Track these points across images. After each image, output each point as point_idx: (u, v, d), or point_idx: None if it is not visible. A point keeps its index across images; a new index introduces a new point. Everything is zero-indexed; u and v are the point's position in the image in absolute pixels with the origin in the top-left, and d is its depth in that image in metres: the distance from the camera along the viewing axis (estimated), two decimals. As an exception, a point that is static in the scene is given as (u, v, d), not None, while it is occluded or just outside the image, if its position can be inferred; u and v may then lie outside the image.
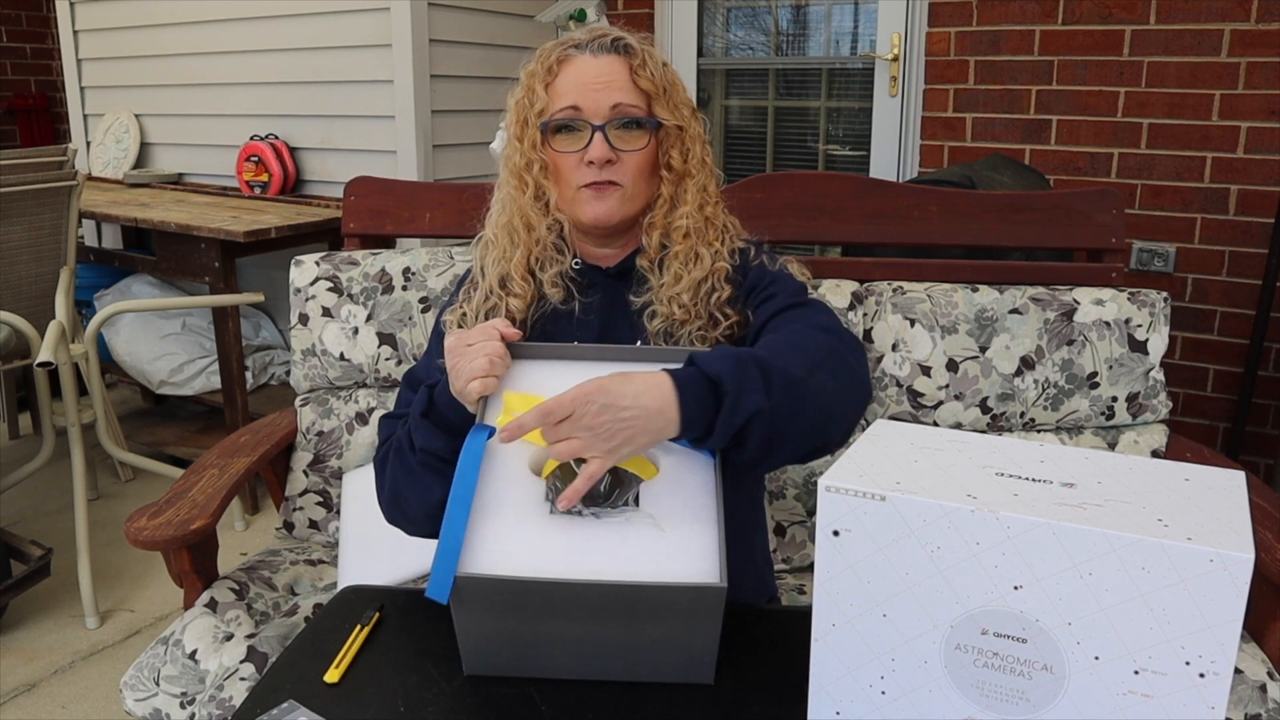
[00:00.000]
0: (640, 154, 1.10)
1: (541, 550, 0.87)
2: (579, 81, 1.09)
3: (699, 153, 1.14)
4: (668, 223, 1.13)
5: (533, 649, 0.88)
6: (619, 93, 1.08)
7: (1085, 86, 2.76)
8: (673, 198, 1.13)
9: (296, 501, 1.70)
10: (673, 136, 1.12)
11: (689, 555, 0.86)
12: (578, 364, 1.03)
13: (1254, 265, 2.66)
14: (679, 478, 0.93)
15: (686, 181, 1.13)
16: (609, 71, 1.09)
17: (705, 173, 1.15)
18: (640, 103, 1.09)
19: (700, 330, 1.12)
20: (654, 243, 1.14)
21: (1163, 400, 1.61)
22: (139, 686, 1.30)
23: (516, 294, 1.13)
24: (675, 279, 1.12)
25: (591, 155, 1.08)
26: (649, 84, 1.09)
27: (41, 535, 2.50)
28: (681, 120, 1.12)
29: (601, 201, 1.10)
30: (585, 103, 1.08)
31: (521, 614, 0.85)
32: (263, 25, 3.06)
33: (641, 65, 1.09)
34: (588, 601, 0.84)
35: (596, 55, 1.10)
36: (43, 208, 2.41)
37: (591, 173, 1.09)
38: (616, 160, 1.09)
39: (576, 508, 0.90)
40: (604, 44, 1.10)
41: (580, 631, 0.86)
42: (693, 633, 0.86)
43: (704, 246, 1.14)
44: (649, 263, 1.14)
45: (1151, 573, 0.65)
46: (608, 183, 1.09)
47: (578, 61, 1.10)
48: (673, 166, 1.12)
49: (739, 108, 3.46)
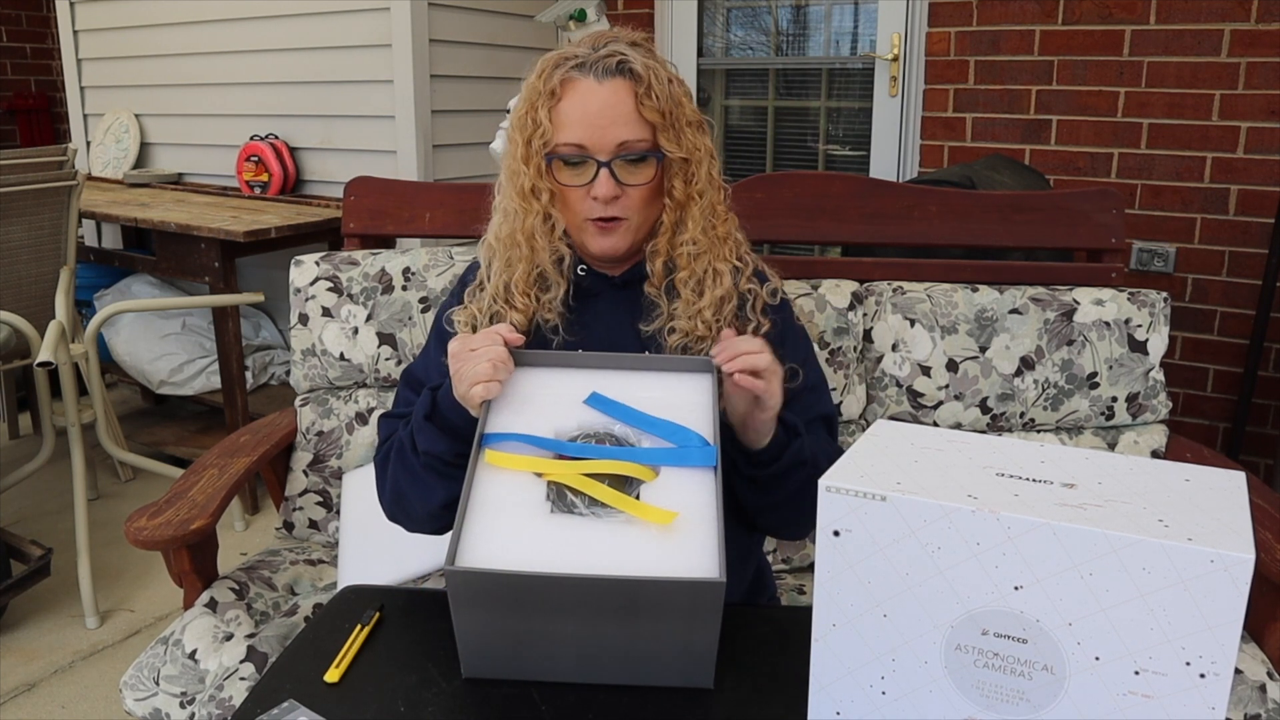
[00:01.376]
0: (646, 187, 1.09)
1: (540, 547, 0.87)
2: (584, 113, 1.06)
3: (704, 174, 1.12)
4: (671, 248, 1.13)
5: (531, 650, 0.88)
6: (624, 128, 1.06)
7: (1085, 86, 2.76)
8: (674, 224, 1.13)
9: (296, 501, 1.70)
10: (676, 165, 1.10)
11: (688, 553, 0.86)
12: (582, 371, 1.03)
13: (1254, 265, 2.66)
14: (679, 481, 0.93)
15: (690, 206, 1.12)
16: (614, 102, 1.06)
17: (713, 190, 1.14)
18: (645, 135, 1.08)
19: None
20: (658, 269, 1.13)
21: (1163, 400, 1.61)
22: (139, 686, 1.30)
23: (518, 308, 1.13)
24: (694, 297, 1.11)
25: (597, 191, 1.07)
26: (654, 114, 1.07)
27: (41, 535, 2.50)
28: (686, 149, 1.10)
29: (608, 237, 1.10)
30: (590, 139, 1.06)
31: (520, 611, 0.85)
32: (263, 25, 3.06)
33: (647, 92, 1.07)
34: (586, 597, 0.83)
35: (601, 81, 1.06)
36: (43, 208, 2.41)
37: (597, 208, 1.08)
38: (622, 194, 1.08)
39: (577, 507, 0.90)
40: (609, 67, 1.07)
41: (579, 631, 0.86)
42: (692, 632, 0.85)
43: (721, 262, 1.13)
44: (656, 290, 1.13)
45: (1152, 573, 0.65)
46: (614, 219, 1.09)
47: (581, 88, 1.07)
48: (674, 195, 1.11)
49: (739, 108, 3.46)
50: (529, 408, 1.00)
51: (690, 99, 1.13)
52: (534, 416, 0.99)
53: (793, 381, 1.11)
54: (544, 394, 1.01)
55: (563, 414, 0.99)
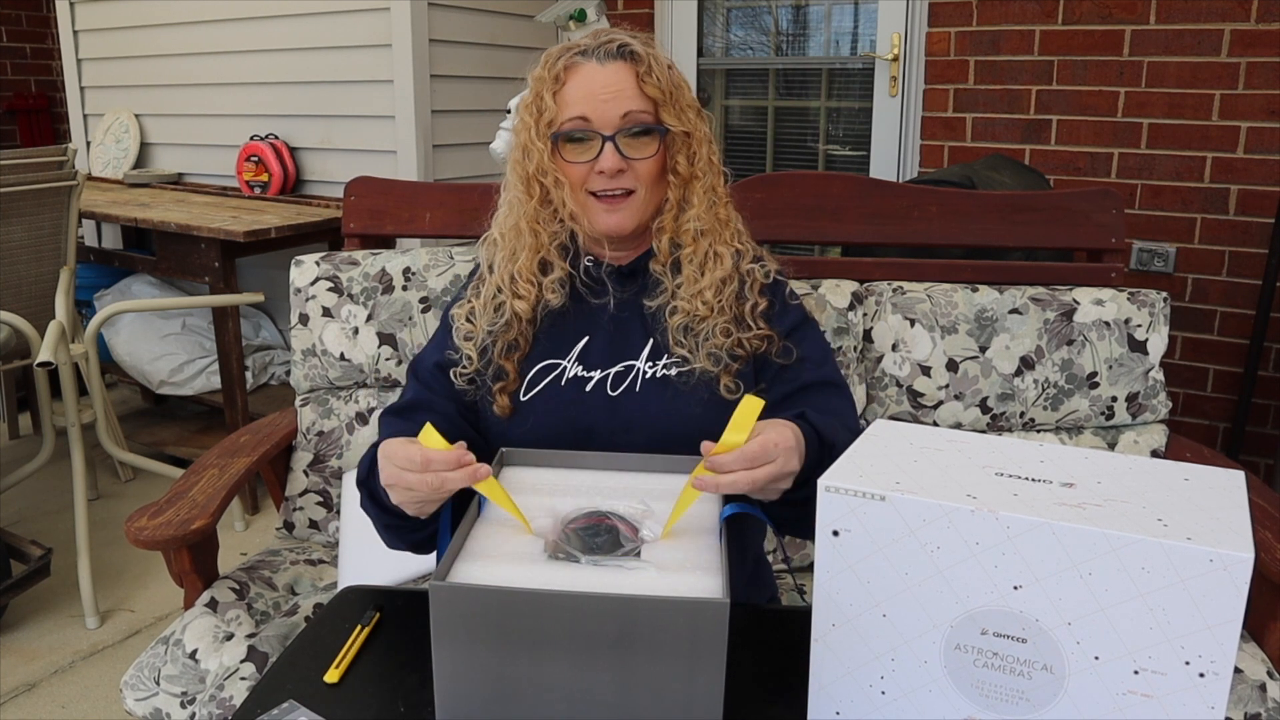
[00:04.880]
0: (651, 160, 1.11)
1: (532, 580, 0.83)
2: (587, 91, 1.08)
3: (705, 155, 1.14)
4: (677, 226, 1.14)
5: (517, 697, 0.80)
6: (627, 101, 1.08)
7: (1085, 86, 2.76)
8: (680, 201, 1.14)
9: (296, 501, 1.70)
10: (679, 141, 1.12)
11: (691, 591, 0.82)
12: (577, 472, 1.01)
13: (1254, 265, 2.66)
14: (682, 538, 0.90)
15: (694, 184, 1.14)
16: (616, 80, 1.08)
17: (713, 173, 1.15)
18: (648, 109, 1.10)
19: (725, 325, 1.12)
20: (664, 246, 1.14)
21: (1162, 400, 1.61)
22: (139, 686, 1.30)
23: (521, 295, 1.13)
24: (697, 276, 1.12)
25: (603, 165, 1.08)
26: (656, 90, 1.09)
27: (41, 535, 2.50)
28: (688, 125, 1.12)
29: (614, 214, 1.11)
30: (594, 113, 1.08)
31: (506, 642, 0.78)
32: (263, 25, 3.06)
33: (648, 71, 1.09)
34: (578, 623, 0.77)
35: (603, 63, 1.09)
36: (43, 208, 2.41)
37: (603, 181, 1.09)
38: (627, 169, 1.09)
39: (575, 555, 0.87)
40: (610, 50, 1.10)
41: (569, 674, 0.79)
42: (694, 671, 0.77)
43: (722, 245, 1.14)
44: (661, 267, 1.14)
45: (1151, 572, 0.65)
46: (622, 193, 1.10)
47: (584, 70, 1.09)
48: (679, 171, 1.13)
49: (739, 108, 3.46)
50: (524, 493, 0.97)
51: (688, 88, 1.15)
52: (529, 495, 0.96)
53: (785, 358, 1.13)
54: (541, 482, 0.99)
55: (561, 500, 0.96)
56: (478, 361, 1.14)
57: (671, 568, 0.86)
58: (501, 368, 1.13)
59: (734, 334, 1.12)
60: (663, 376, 1.12)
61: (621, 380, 1.12)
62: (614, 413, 1.10)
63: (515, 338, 1.14)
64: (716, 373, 1.10)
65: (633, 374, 1.12)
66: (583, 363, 1.14)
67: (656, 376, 1.12)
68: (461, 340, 1.15)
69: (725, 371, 1.11)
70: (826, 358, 1.18)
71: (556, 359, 1.14)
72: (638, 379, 1.12)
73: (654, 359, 1.13)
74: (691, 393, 1.10)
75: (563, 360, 1.14)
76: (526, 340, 1.14)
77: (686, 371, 1.11)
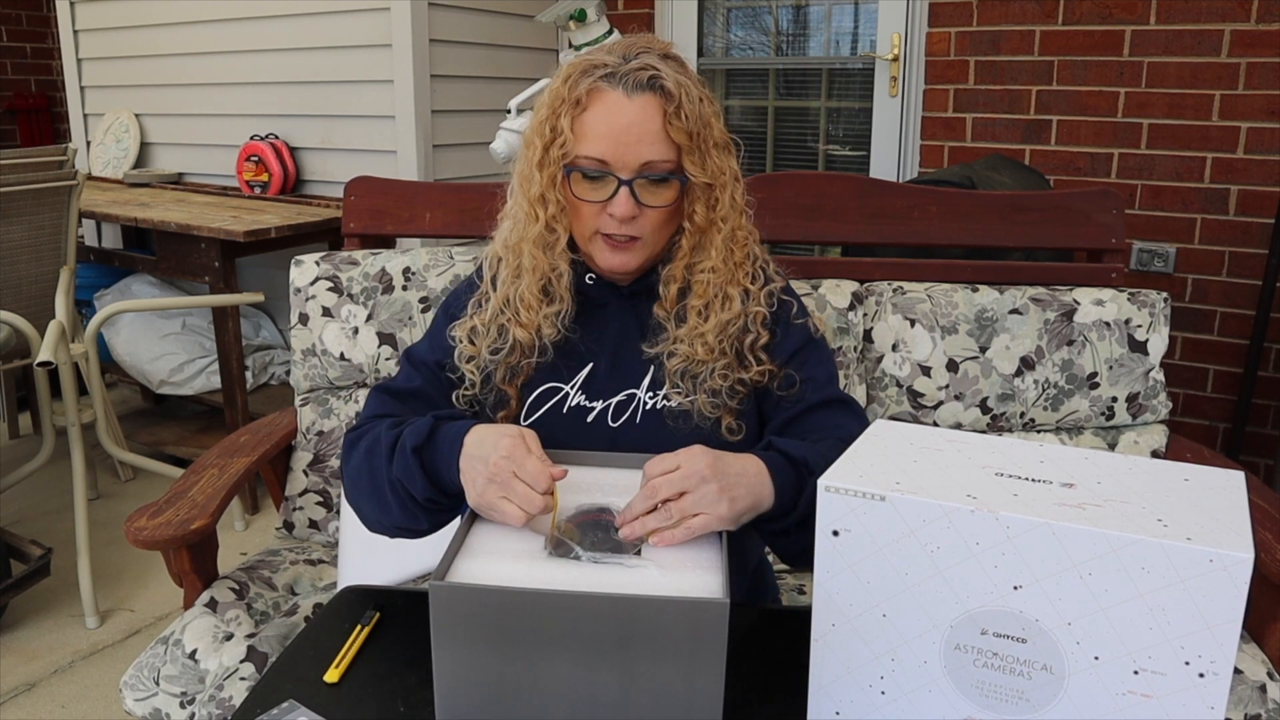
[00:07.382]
0: (665, 209, 1.06)
1: (534, 580, 0.83)
2: (609, 128, 1.02)
3: (728, 199, 1.08)
4: (688, 275, 1.10)
5: (517, 697, 0.81)
6: (649, 147, 1.02)
7: (1085, 86, 2.76)
8: (693, 249, 1.10)
9: (296, 501, 1.70)
10: (699, 191, 1.07)
11: (692, 590, 0.83)
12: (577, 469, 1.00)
13: (1254, 265, 2.66)
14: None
15: (711, 232, 1.09)
16: (642, 119, 1.02)
17: (735, 216, 1.10)
18: (671, 155, 1.03)
19: (724, 369, 1.08)
20: (671, 294, 1.10)
21: (1163, 400, 1.61)
22: (139, 686, 1.30)
23: (523, 324, 1.10)
24: (700, 320, 1.09)
25: (615, 209, 1.03)
26: (682, 135, 1.03)
27: (41, 535, 2.51)
28: (710, 173, 1.06)
29: (618, 255, 1.07)
30: (614, 155, 1.02)
31: (506, 642, 0.79)
32: (262, 25, 3.06)
33: (676, 111, 1.02)
34: (579, 622, 0.78)
35: (630, 95, 1.02)
36: (43, 207, 2.41)
37: (612, 225, 1.05)
38: (640, 214, 1.05)
39: (574, 552, 0.87)
40: (640, 81, 1.02)
41: (569, 673, 0.79)
42: (694, 670, 0.78)
43: (734, 287, 1.10)
44: (665, 314, 1.10)
45: (1151, 573, 0.65)
46: (628, 238, 1.06)
47: (609, 100, 1.02)
48: (695, 220, 1.08)
49: (739, 108, 3.46)
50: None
51: (719, 118, 1.08)
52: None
53: (787, 388, 1.10)
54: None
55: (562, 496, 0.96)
56: (480, 388, 1.12)
57: (672, 567, 0.86)
58: (504, 393, 1.11)
59: (732, 376, 1.09)
60: (663, 408, 1.09)
61: (623, 411, 1.10)
62: (614, 445, 1.08)
63: (518, 363, 1.11)
64: (717, 415, 1.08)
65: (634, 404, 1.10)
66: (585, 391, 1.11)
67: (656, 408, 1.09)
68: (463, 363, 1.12)
69: (726, 412, 1.08)
70: (831, 377, 1.15)
71: (559, 383, 1.11)
72: (638, 411, 1.10)
73: (655, 389, 1.10)
74: (693, 431, 1.07)
75: (565, 385, 1.11)
76: (530, 366, 1.11)
77: (688, 402, 1.08)
